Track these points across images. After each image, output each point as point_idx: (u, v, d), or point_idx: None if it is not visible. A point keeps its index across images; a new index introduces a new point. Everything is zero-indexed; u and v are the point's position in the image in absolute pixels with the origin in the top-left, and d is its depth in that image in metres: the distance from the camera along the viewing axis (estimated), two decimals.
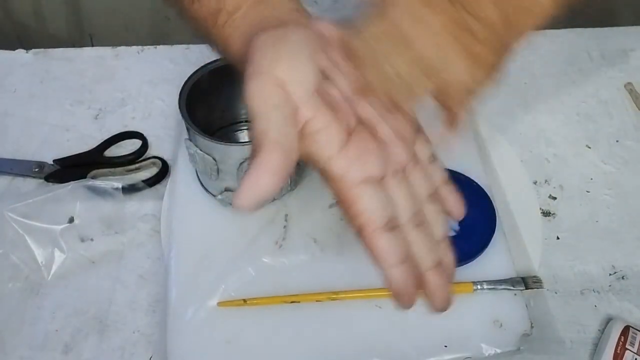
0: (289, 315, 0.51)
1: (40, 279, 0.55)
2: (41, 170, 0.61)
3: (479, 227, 0.55)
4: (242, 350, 0.50)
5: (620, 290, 0.55)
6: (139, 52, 0.73)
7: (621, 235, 0.58)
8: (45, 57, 0.73)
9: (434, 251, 0.39)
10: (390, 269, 0.36)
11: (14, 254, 0.55)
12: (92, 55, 0.73)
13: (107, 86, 0.70)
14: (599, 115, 0.68)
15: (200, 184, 0.58)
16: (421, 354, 0.49)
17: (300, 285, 0.52)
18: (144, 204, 0.60)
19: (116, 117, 0.67)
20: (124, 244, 0.57)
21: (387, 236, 0.36)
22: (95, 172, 0.61)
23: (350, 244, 0.55)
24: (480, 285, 0.52)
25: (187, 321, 0.51)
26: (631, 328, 0.49)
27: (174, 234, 0.56)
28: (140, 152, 0.63)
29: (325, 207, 0.58)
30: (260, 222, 0.57)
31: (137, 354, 0.51)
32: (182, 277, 0.53)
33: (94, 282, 0.55)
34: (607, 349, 0.48)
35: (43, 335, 0.52)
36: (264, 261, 0.54)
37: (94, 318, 0.53)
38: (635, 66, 0.72)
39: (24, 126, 0.66)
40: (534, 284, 0.52)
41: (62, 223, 0.57)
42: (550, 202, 0.60)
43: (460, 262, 0.54)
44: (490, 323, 0.51)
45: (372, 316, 0.51)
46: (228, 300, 0.52)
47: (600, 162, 0.64)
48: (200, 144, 0.51)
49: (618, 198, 0.61)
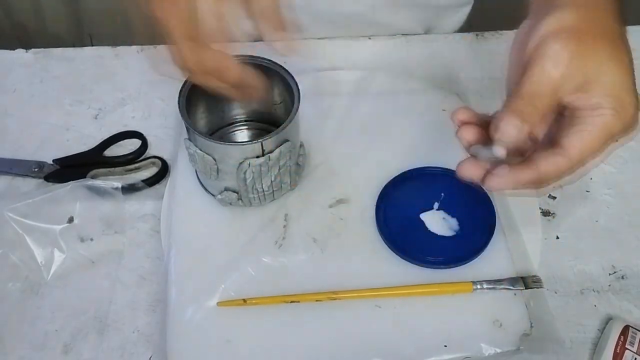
0: (289, 315, 0.51)
1: (40, 279, 0.55)
2: (41, 170, 0.61)
3: (479, 227, 0.55)
4: (242, 350, 0.50)
5: (620, 290, 0.55)
6: (138, 52, 0.73)
7: (621, 235, 0.58)
8: (45, 57, 0.73)
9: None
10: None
11: (14, 254, 0.55)
12: (92, 55, 0.73)
13: (106, 86, 0.70)
14: None
15: (200, 183, 0.58)
16: (421, 354, 0.49)
17: (300, 285, 0.52)
18: (144, 203, 0.60)
19: (116, 116, 0.67)
20: (124, 244, 0.57)
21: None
22: (95, 172, 0.61)
23: (350, 244, 0.56)
24: (480, 285, 0.52)
25: (187, 321, 0.51)
26: (631, 328, 0.49)
27: (174, 234, 0.56)
28: (140, 151, 0.63)
29: (325, 206, 0.58)
30: (260, 222, 0.57)
31: (137, 353, 0.51)
32: (181, 277, 0.53)
33: (93, 282, 0.55)
34: (607, 349, 0.48)
35: (43, 335, 0.52)
36: (263, 261, 0.54)
37: (93, 318, 0.53)
38: (635, 66, 0.72)
39: (23, 126, 0.66)
40: (533, 284, 0.52)
41: (61, 223, 0.57)
42: (550, 202, 0.60)
43: (460, 262, 0.54)
44: (490, 323, 0.51)
45: (372, 316, 0.51)
46: (228, 300, 0.52)
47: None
48: (200, 143, 0.51)
49: (618, 198, 0.61)
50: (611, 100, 0.39)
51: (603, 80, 0.39)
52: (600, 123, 0.39)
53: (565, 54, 0.39)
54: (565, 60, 0.39)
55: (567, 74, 0.39)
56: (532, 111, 0.40)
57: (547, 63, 0.39)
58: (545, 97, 0.40)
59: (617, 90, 0.39)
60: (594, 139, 0.40)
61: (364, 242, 0.56)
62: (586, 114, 0.40)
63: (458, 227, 0.56)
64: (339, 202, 0.58)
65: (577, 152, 0.40)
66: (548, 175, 0.41)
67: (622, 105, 0.39)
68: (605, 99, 0.39)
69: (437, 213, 0.57)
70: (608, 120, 0.39)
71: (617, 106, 0.39)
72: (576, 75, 0.39)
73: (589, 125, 0.40)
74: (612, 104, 0.39)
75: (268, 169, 0.52)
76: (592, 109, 0.40)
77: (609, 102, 0.39)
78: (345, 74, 0.68)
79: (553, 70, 0.39)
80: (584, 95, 0.40)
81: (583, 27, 0.40)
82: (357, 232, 0.56)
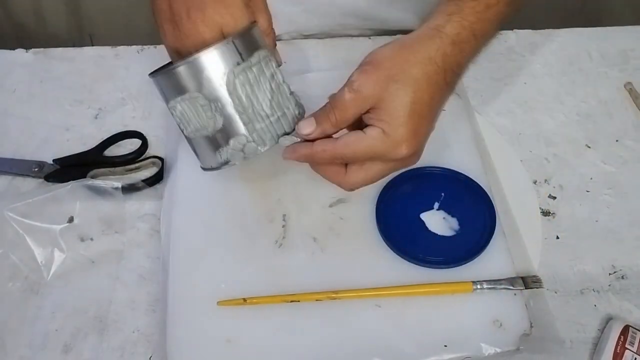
0: (288, 314, 0.51)
1: (40, 279, 0.55)
2: (41, 170, 0.61)
3: (479, 227, 0.55)
4: (242, 349, 0.50)
5: (620, 290, 0.55)
6: (138, 52, 0.73)
7: (621, 235, 0.58)
8: (45, 57, 0.73)
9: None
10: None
11: (14, 254, 0.55)
12: (92, 54, 0.73)
13: (107, 86, 0.70)
14: (599, 115, 0.68)
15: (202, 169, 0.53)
16: (421, 353, 0.49)
17: (300, 285, 0.52)
18: (144, 203, 0.60)
19: (116, 116, 0.67)
20: (124, 244, 0.57)
21: None
22: (95, 172, 0.61)
23: (350, 244, 0.56)
24: (480, 285, 0.52)
25: (187, 321, 0.51)
26: (631, 327, 0.49)
27: (174, 234, 0.56)
28: (140, 151, 0.63)
29: (326, 206, 0.58)
30: (260, 222, 0.57)
31: (137, 353, 0.51)
32: (181, 276, 0.53)
33: (93, 281, 0.55)
34: (607, 349, 0.48)
35: (43, 335, 0.52)
36: (263, 261, 0.54)
37: (93, 318, 0.53)
38: (635, 66, 0.72)
39: (23, 126, 0.66)
40: (533, 284, 0.52)
41: (61, 223, 0.57)
42: (550, 202, 0.60)
43: (460, 262, 0.54)
44: (490, 323, 0.51)
45: (372, 316, 0.51)
46: (228, 300, 0.52)
47: (600, 162, 0.64)
48: (178, 84, 0.48)
49: (618, 198, 0.61)
50: (383, 124, 0.46)
51: (384, 108, 0.46)
52: (368, 136, 0.46)
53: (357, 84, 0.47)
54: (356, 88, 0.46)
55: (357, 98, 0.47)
56: (325, 119, 0.48)
57: (345, 87, 0.47)
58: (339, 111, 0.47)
59: (390, 119, 0.46)
60: (358, 144, 0.47)
61: (364, 241, 0.56)
62: (369, 126, 0.47)
63: (458, 227, 0.56)
64: (339, 201, 0.58)
65: (343, 144, 0.47)
66: (317, 155, 0.48)
67: (389, 131, 0.46)
68: (379, 122, 0.46)
69: (437, 213, 0.57)
70: (374, 136, 0.46)
71: (386, 130, 0.46)
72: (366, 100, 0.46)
73: (361, 132, 0.47)
74: (382, 126, 0.46)
75: (256, 77, 0.48)
76: (373, 124, 0.47)
77: (381, 125, 0.46)
78: (345, 74, 0.68)
79: (347, 93, 0.47)
80: (370, 115, 0.47)
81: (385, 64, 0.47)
82: (357, 232, 0.56)
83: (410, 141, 0.47)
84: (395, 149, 0.46)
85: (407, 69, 0.46)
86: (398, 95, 0.46)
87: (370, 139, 0.46)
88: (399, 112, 0.46)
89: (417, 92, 0.46)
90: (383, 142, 0.46)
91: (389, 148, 0.46)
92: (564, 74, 0.72)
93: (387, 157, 0.47)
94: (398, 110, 0.46)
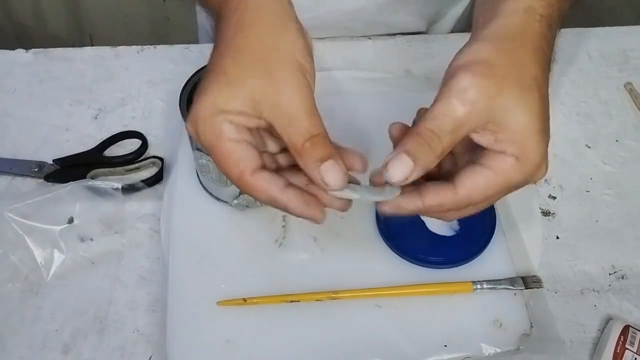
0: (289, 314, 0.51)
1: (40, 279, 0.55)
2: (41, 170, 0.61)
3: (479, 227, 0.55)
4: (242, 349, 0.50)
5: (620, 290, 0.55)
6: (138, 52, 0.73)
7: (621, 235, 0.58)
8: (45, 57, 0.73)
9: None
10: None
11: (14, 254, 0.55)
12: (92, 55, 0.73)
13: (106, 86, 0.70)
14: (599, 115, 0.68)
15: (208, 193, 0.58)
16: (421, 353, 0.49)
17: (300, 285, 0.52)
18: (144, 203, 0.60)
19: (116, 116, 0.67)
20: (124, 244, 0.57)
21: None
22: (94, 172, 0.61)
23: (350, 244, 0.56)
24: (480, 285, 0.52)
25: (187, 321, 0.51)
26: (631, 328, 0.49)
27: (174, 234, 0.56)
28: (140, 152, 0.63)
29: None
30: (260, 222, 0.57)
31: (137, 353, 0.51)
32: (181, 276, 0.53)
33: (93, 282, 0.55)
34: (607, 349, 0.48)
35: (43, 335, 0.52)
36: (263, 261, 0.54)
37: (93, 318, 0.53)
38: (635, 66, 0.72)
39: (23, 126, 0.66)
40: (533, 284, 0.52)
41: (61, 223, 0.57)
42: (550, 202, 0.60)
43: (460, 262, 0.54)
44: (490, 323, 0.51)
45: (372, 316, 0.51)
46: (228, 300, 0.52)
47: (600, 162, 0.64)
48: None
49: (618, 198, 0.61)
50: (515, 149, 0.37)
51: (510, 126, 0.36)
52: (499, 170, 0.37)
53: (472, 91, 0.36)
54: (472, 97, 0.36)
55: (473, 112, 0.36)
56: (427, 151, 0.36)
57: (454, 98, 0.36)
58: (446, 135, 0.36)
59: (522, 139, 0.36)
60: (488, 185, 0.37)
61: (364, 241, 0.56)
62: (488, 156, 0.37)
63: (458, 227, 0.56)
64: None
65: (466, 193, 0.38)
66: (432, 208, 0.39)
67: (526, 155, 0.37)
68: (509, 146, 0.37)
69: None
70: (507, 170, 0.37)
71: (521, 156, 0.37)
72: (482, 115, 0.36)
73: (486, 168, 0.37)
74: (515, 153, 0.37)
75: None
76: (495, 152, 0.37)
77: (512, 150, 0.36)
78: (345, 74, 0.68)
79: (459, 107, 0.36)
80: (490, 137, 0.37)
81: (497, 64, 0.37)
82: (357, 232, 0.56)
83: (546, 157, 0.37)
84: (534, 175, 0.37)
85: (524, 68, 0.37)
86: (526, 105, 0.36)
87: (502, 175, 0.37)
88: (529, 127, 0.36)
89: (542, 95, 0.37)
90: (519, 171, 0.37)
91: (526, 175, 0.37)
92: (564, 74, 0.72)
93: (522, 184, 0.38)
94: (527, 127, 0.36)
